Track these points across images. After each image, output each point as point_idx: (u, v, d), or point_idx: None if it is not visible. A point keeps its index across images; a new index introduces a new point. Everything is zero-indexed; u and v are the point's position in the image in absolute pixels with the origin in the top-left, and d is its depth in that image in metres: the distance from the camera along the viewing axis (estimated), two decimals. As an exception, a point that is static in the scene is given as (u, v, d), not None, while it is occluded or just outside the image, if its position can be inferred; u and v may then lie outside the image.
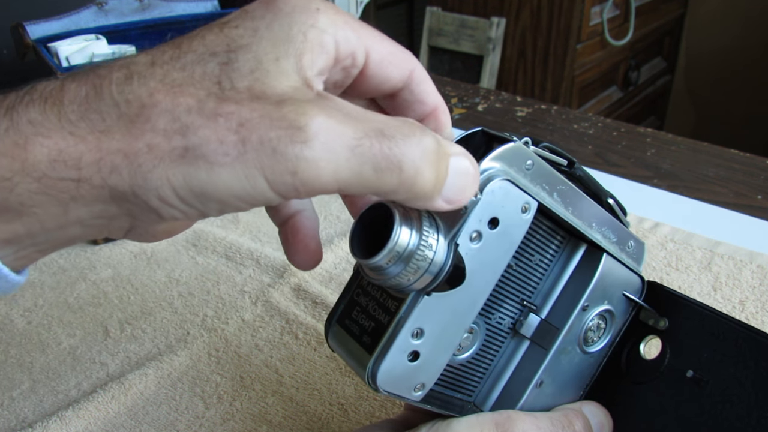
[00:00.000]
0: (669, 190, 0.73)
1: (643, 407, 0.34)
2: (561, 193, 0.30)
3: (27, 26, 0.63)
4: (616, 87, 2.35)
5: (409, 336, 0.27)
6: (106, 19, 0.67)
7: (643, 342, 0.35)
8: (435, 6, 2.19)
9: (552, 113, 0.93)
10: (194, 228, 0.65)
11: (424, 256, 0.25)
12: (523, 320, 0.33)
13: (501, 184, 0.27)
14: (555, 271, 0.33)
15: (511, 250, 0.29)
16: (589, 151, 0.82)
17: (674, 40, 2.69)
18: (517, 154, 0.28)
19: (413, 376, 0.28)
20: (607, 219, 0.33)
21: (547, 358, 0.32)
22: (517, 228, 0.28)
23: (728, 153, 0.82)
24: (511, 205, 0.28)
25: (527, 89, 2.12)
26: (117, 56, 0.62)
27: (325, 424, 0.44)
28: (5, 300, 0.56)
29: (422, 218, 0.26)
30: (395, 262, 0.25)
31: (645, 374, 0.34)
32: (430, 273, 0.26)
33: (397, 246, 0.25)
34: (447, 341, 0.29)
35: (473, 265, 0.27)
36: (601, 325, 0.34)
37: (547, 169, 0.29)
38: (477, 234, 0.27)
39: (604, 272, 0.33)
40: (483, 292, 0.29)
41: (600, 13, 2.04)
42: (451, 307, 0.28)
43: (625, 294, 0.35)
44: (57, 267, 0.60)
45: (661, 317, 0.35)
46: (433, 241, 0.26)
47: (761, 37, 2.48)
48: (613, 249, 0.33)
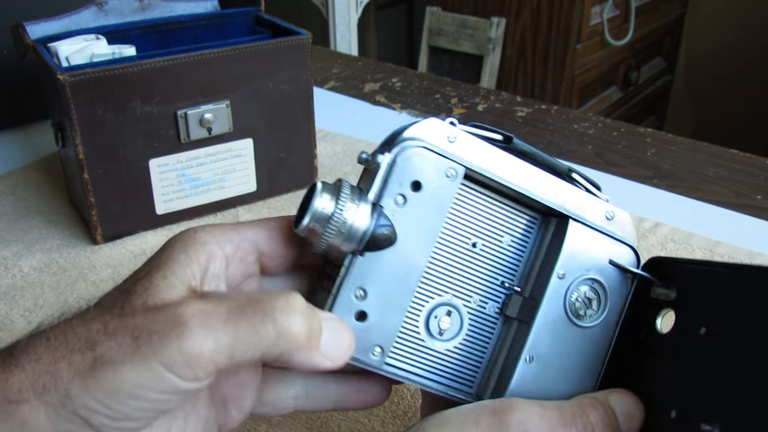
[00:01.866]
0: (669, 190, 0.73)
1: (665, 379, 0.32)
2: (501, 163, 0.32)
3: (27, 26, 0.63)
4: (616, 87, 2.35)
5: (351, 296, 0.30)
6: (106, 19, 0.67)
7: (659, 317, 0.34)
8: (435, 6, 2.19)
9: (552, 113, 0.93)
10: (194, 228, 0.65)
11: (343, 218, 0.29)
12: (508, 302, 0.34)
13: (415, 150, 0.30)
14: (533, 250, 0.34)
15: (443, 212, 0.31)
16: (589, 151, 0.82)
17: (674, 40, 2.69)
18: (435, 127, 0.31)
19: (365, 338, 0.30)
20: (569, 189, 0.33)
21: (531, 331, 0.32)
22: (445, 190, 0.31)
23: (728, 153, 0.82)
24: (431, 170, 0.30)
25: (527, 89, 2.12)
26: (117, 56, 0.62)
27: (323, 423, 0.44)
28: (5, 300, 0.56)
29: (342, 186, 0.30)
30: (321, 226, 0.29)
31: (663, 347, 0.33)
32: (354, 234, 0.29)
33: (318, 212, 0.29)
34: (394, 302, 0.30)
35: (404, 225, 0.30)
36: (591, 296, 0.34)
37: (477, 143, 0.31)
38: (401, 197, 0.30)
39: (574, 238, 0.33)
40: (422, 252, 0.31)
41: (600, 13, 2.04)
42: (389, 266, 0.30)
43: (612, 261, 0.34)
44: (57, 267, 0.61)
45: (670, 288, 0.34)
46: (352, 205, 0.29)
47: (761, 37, 2.48)
48: (585, 217, 0.34)
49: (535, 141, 0.85)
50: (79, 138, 0.57)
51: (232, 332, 0.26)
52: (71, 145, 0.59)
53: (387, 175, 0.30)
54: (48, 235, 0.65)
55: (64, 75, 0.55)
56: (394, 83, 1.03)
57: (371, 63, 1.13)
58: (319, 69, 1.08)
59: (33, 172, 0.77)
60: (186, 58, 0.60)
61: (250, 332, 0.26)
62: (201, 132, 0.63)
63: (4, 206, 0.70)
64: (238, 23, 0.72)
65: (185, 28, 0.69)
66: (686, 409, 0.30)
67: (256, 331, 0.26)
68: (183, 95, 0.61)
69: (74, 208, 0.69)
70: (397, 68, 1.10)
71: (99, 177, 0.60)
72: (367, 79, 1.04)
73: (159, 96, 0.60)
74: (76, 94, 0.56)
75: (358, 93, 0.99)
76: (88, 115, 0.57)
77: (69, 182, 0.69)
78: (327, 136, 0.83)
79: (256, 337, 0.26)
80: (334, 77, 1.05)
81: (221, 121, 0.63)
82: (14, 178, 0.76)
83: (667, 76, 2.74)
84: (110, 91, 0.57)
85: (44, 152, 0.81)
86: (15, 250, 0.63)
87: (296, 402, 0.35)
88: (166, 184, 0.64)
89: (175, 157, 0.63)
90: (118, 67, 0.57)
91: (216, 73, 0.61)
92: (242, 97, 0.64)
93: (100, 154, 0.59)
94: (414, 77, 1.06)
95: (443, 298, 0.33)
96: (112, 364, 0.26)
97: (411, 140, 0.30)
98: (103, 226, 0.62)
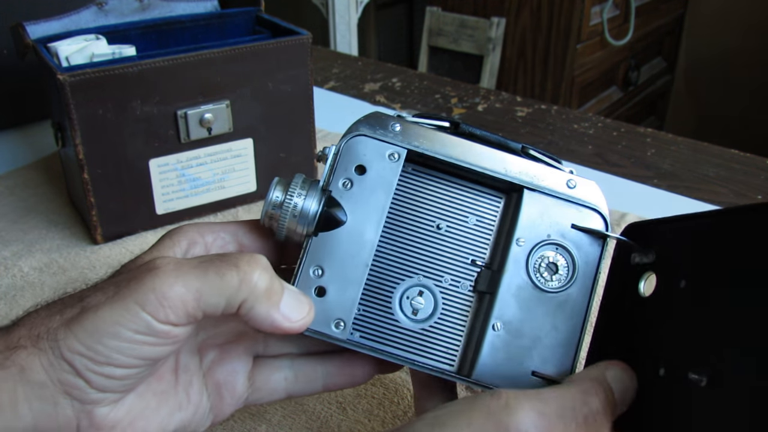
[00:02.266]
0: (669, 190, 0.73)
1: (651, 341, 0.31)
2: (447, 145, 0.34)
3: (27, 26, 0.63)
4: (616, 87, 2.35)
5: (309, 273, 0.33)
6: (106, 19, 0.67)
7: (641, 281, 0.34)
8: (435, 6, 2.19)
9: (552, 113, 0.93)
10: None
11: (294, 203, 0.33)
12: (479, 278, 0.35)
13: (356, 139, 0.34)
14: (500, 228, 0.36)
15: (389, 191, 0.34)
16: (589, 151, 0.82)
17: (674, 40, 2.69)
18: (377, 119, 0.34)
19: (326, 311, 0.33)
20: (524, 162, 0.35)
21: (496, 298, 0.34)
22: (389, 171, 0.34)
23: (728, 153, 0.82)
24: (373, 154, 0.34)
25: (527, 89, 2.12)
26: (117, 56, 0.62)
27: (324, 423, 0.44)
28: (5, 300, 0.57)
29: (294, 178, 0.34)
30: (277, 212, 0.33)
31: (648, 310, 0.33)
32: (305, 216, 0.33)
33: (272, 200, 0.33)
34: (351, 276, 0.33)
35: (352, 205, 0.34)
36: (557, 261, 0.34)
37: (421, 130, 0.34)
38: (348, 180, 0.34)
39: (530, 205, 0.35)
40: (373, 228, 0.34)
41: (600, 13, 2.04)
42: (343, 244, 0.33)
43: (576, 225, 0.35)
44: (57, 267, 0.61)
45: (648, 250, 0.33)
46: (302, 191, 0.33)
47: (761, 36, 2.48)
48: (542, 185, 0.35)
49: (536, 141, 0.85)
50: (79, 138, 0.57)
51: (200, 276, 0.29)
52: (71, 145, 0.59)
53: (333, 162, 0.34)
54: (48, 235, 0.65)
55: (64, 75, 0.55)
56: (394, 83, 1.03)
57: (371, 63, 1.13)
58: (319, 69, 1.08)
59: (33, 172, 0.77)
60: (186, 58, 0.60)
61: (216, 277, 0.29)
62: (201, 132, 0.63)
63: (4, 206, 0.70)
64: (238, 23, 0.72)
65: (185, 28, 0.69)
66: (673, 364, 0.29)
67: (221, 276, 0.29)
68: (183, 95, 0.61)
69: (74, 208, 0.69)
70: (397, 68, 1.10)
71: (99, 177, 0.60)
72: (367, 79, 1.04)
73: (159, 96, 0.60)
74: (76, 94, 0.56)
75: (358, 93, 0.99)
76: (88, 115, 0.57)
77: (69, 182, 0.69)
78: (327, 136, 0.83)
79: (221, 282, 0.29)
80: (334, 77, 1.05)
81: (221, 121, 0.63)
82: (14, 178, 0.76)
83: (667, 76, 2.74)
84: (110, 91, 0.57)
85: (44, 152, 0.81)
86: (15, 250, 0.63)
87: (287, 384, 0.36)
88: (166, 184, 0.64)
89: (175, 157, 0.63)
90: (118, 67, 0.57)
91: (216, 73, 0.61)
92: (242, 97, 0.64)
93: (100, 154, 0.59)
94: (414, 77, 1.06)
95: (413, 279, 0.35)
96: (93, 308, 0.29)
97: (355, 130, 0.34)
98: (103, 226, 0.62)
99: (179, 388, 0.34)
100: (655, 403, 0.30)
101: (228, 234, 0.36)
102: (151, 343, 0.29)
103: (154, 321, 0.28)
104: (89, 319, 0.28)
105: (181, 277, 0.29)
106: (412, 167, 0.36)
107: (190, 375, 0.35)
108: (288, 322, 0.31)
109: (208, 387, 0.35)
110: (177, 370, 0.34)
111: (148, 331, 0.28)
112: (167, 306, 0.28)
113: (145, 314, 0.28)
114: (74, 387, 0.29)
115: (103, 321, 0.28)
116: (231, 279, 0.29)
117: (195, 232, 0.35)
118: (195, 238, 0.35)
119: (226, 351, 0.36)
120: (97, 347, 0.28)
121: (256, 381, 0.36)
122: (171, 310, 0.28)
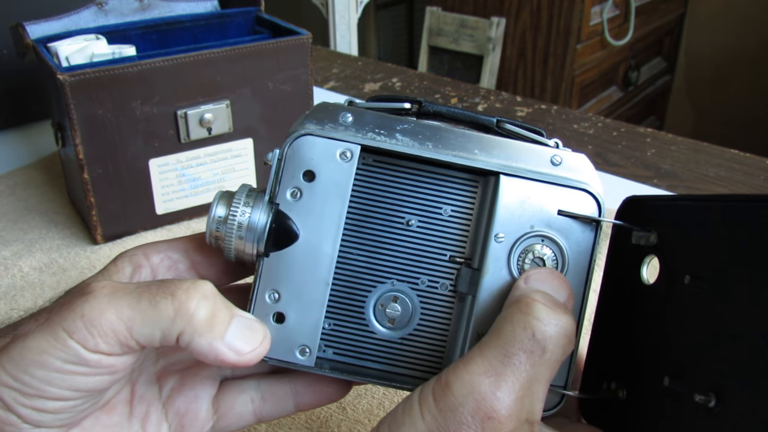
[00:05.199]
0: (669, 190, 0.73)
1: (653, 341, 0.29)
2: (407, 132, 0.30)
3: (27, 26, 0.63)
4: (616, 87, 2.35)
5: (265, 299, 0.30)
6: (106, 19, 0.67)
7: (643, 265, 0.30)
8: (435, 6, 2.19)
9: (552, 113, 0.93)
10: (194, 229, 0.65)
11: (238, 221, 0.29)
12: (459, 278, 0.31)
13: (301, 140, 0.30)
14: (477, 216, 0.31)
15: (344, 196, 0.30)
16: (589, 151, 0.82)
17: (674, 40, 2.69)
18: (325, 111, 0.30)
19: (289, 338, 0.30)
20: (497, 142, 0.30)
21: (476, 305, 0.30)
22: (342, 173, 0.30)
23: (728, 153, 0.82)
24: (322, 156, 0.29)
25: (527, 89, 2.12)
26: (117, 56, 0.62)
27: (323, 423, 0.44)
28: (5, 300, 0.56)
29: (237, 191, 0.30)
30: (222, 231, 0.30)
31: (651, 301, 0.29)
32: (252, 235, 0.29)
33: (214, 217, 0.30)
34: (310, 297, 0.30)
35: (304, 218, 0.30)
36: (544, 254, 0.30)
37: (375, 117, 0.30)
38: (296, 190, 0.30)
39: (508, 195, 0.30)
40: (330, 242, 0.30)
41: (600, 13, 2.04)
42: (298, 263, 0.30)
43: (563, 211, 0.30)
44: (57, 267, 0.61)
45: (650, 231, 0.30)
46: (246, 208, 0.29)
47: (761, 36, 2.48)
48: (520, 167, 0.30)
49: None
50: (79, 138, 0.57)
51: (133, 304, 0.27)
52: (71, 145, 0.59)
53: (278, 170, 0.30)
54: (48, 235, 0.65)
55: (64, 75, 0.55)
56: (394, 83, 1.03)
57: (371, 63, 1.13)
58: (319, 69, 1.08)
59: (33, 172, 0.77)
60: (186, 58, 0.60)
61: (149, 306, 0.27)
62: (201, 132, 0.63)
63: (4, 206, 0.70)
64: (238, 23, 0.72)
65: (185, 28, 0.69)
66: (678, 376, 0.26)
67: (154, 305, 0.27)
68: (183, 95, 0.61)
69: (74, 208, 0.69)
70: (397, 68, 1.10)
71: (99, 177, 0.60)
72: (367, 79, 1.04)
73: (159, 96, 0.60)
74: (76, 94, 0.56)
75: (358, 93, 0.99)
76: (88, 115, 0.57)
77: (69, 182, 0.69)
78: (327, 136, 0.83)
79: (155, 311, 0.27)
80: (334, 77, 1.05)
81: (221, 121, 0.63)
82: (14, 178, 0.76)
83: (667, 76, 2.74)
84: (110, 91, 0.57)
85: (44, 152, 0.81)
86: (15, 250, 0.63)
87: (255, 407, 0.34)
88: (166, 184, 0.64)
89: (175, 157, 0.63)
90: (118, 67, 0.57)
91: (216, 73, 0.61)
92: (242, 97, 0.64)
93: (100, 154, 0.59)
94: (414, 77, 1.06)
95: (386, 285, 0.31)
96: (22, 336, 0.27)
97: (300, 129, 0.30)
98: (103, 226, 0.62)
99: (134, 420, 0.32)
100: (656, 418, 0.28)
101: (177, 252, 0.32)
102: (84, 373, 0.27)
103: (83, 350, 0.26)
104: (16, 349, 0.26)
105: (113, 304, 0.27)
106: (373, 158, 0.31)
107: (147, 406, 0.32)
108: (235, 354, 0.28)
109: (169, 417, 0.33)
110: (132, 401, 0.32)
111: (78, 360, 0.26)
112: (96, 335, 0.26)
113: (74, 342, 0.26)
114: (6, 423, 0.27)
115: (29, 350, 0.26)
116: (165, 308, 0.27)
117: (140, 254, 0.32)
118: (140, 262, 0.32)
119: (187, 377, 0.33)
120: (24, 378, 0.26)
121: (221, 406, 0.33)
122: (101, 338, 0.26)
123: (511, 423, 0.25)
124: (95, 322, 0.26)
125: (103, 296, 0.27)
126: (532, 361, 0.25)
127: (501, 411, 0.25)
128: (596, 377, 0.31)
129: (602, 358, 0.30)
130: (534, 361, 0.25)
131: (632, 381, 0.30)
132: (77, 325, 0.26)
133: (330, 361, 0.31)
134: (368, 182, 0.31)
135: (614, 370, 0.31)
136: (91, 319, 0.26)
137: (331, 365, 0.31)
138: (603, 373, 0.31)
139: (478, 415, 0.24)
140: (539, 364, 0.25)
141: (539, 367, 0.25)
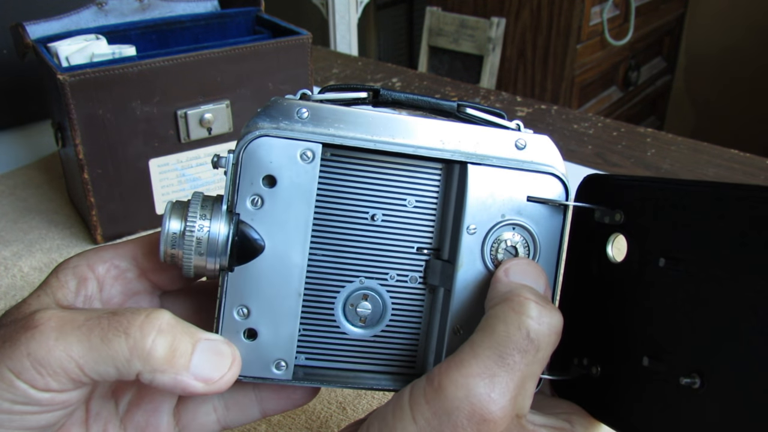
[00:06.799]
0: (669, 189, 0.73)
1: (629, 320, 0.28)
2: (368, 124, 0.29)
3: (27, 26, 0.63)
4: (616, 87, 2.35)
5: (233, 315, 0.28)
6: (106, 19, 0.67)
7: (609, 243, 0.30)
8: (435, 6, 2.19)
9: (552, 113, 0.93)
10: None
11: (195, 236, 0.27)
12: (429, 270, 0.31)
13: (257, 142, 0.27)
14: (444, 204, 0.31)
15: (309, 200, 0.28)
16: (589, 151, 0.82)
17: (674, 40, 2.69)
18: (278, 107, 0.28)
19: (263, 354, 0.28)
20: (460, 129, 0.29)
21: (452, 299, 0.29)
22: (305, 176, 0.28)
23: (728, 153, 0.82)
24: (281, 158, 0.27)
25: (527, 89, 2.12)
26: (117, 56, 0.62)
27: (324, 423, 0.44)
28: (5, 300, 0.57)
29: (191, 202, 0.27)
30: (179, 249, 0.27)
31: (620, 280, 0.29)
32: (213, 250, 0.27)
33: (169, 234, 0.27)
34: (282, 310, 0.28)
35: (268, 227, 0.28)
36: (516, 243, 0.30)
37: (333, 110, 0.28)
38: (257, 197, 0.27)
39: (477, 185, 0.29)
40: (298, 250, 0.28)
41: (600, 13, 2.04)
42: (266, 274, 0.28)
43: (532, 197, 0.30)
44: (57, 267, 0.61)
45: (615, 210, 0.29)
46: (203, 221, 0.27)
47: (761, 36, 2.48)
48: (486, 154, 0.29)
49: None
50: (79, 138, 0.57)
51: (84, 341, 0.25)
52: (71, 145, 0.59)
53: (235, 177, 0.27)
54: (48, 235, 0.65)
55: (64, 75, 0.55)
56: (394, 83, 1.03)
57: (371, 63, 1.13)
58: (319, 69, 1.08)
59: (33, 172, 0.77)
60: (186, 58, 0.60)
61: (102, 343, 0.25)
62: (201, 132, 0.63)
63: (4, 206, 0.70)
64: (238, 23, 0.72)
65: (185, 28, 0.69)
66: (658, 356, 0.26)
67: (107, 342, 0.25)
68: (183, 95, 0.61)
69: (74, 208, 0.69)
70: (397, 68, 1.10)
71: (99, 177, 0.60)
72: (367, 79, 1.04)
73: (159, 96, 0.60)
74: (76, 94, 0.56)
75: (358, 93, 0.99)
76: (88, 115, 0.57)
77: (69, 182, 0.69)
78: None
79: (108, 349, 0.25)
80: (334, 77, 1.05)
81: (221, 121, 0.63)
82: (14, 178, 0.76)
83: (667, 76, 2.74)
84: (110, 91, 0.57)
85: (44, 152, 0.81)
86: (15, 250, 0.63)
87: (218, 416, 0.32)
88: (166, 184, 0.64)
89: (175, 157, 0.63)
90: (118, 67, 0.57)
91: (216, 73, 0.61)
92: (242, 97, 0.64)
93: (100, 154, 0.59)
94: (414, 77, 1.06)
95: (354, 283, 0.30)
96: None
97: (254, 129, 0.27)
98: (103, 226, 0.62)
99: None
100: (637, 397, 0.27)
101: (124, 260, 0.30)
102: (35, 412, 0.25)
103: (32, 390, 0.24)
104: None
105: (61, 340, 0.24)
106: (331, 152, 0.29)
107: (104, 423, 0.30)
108: (204, 384, 0.26)
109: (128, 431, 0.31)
110: (87, 421, 0.30)
111: (28, 400, 0.25)
112: (46, 374, 0.24)
113: (21, 383, 0.24)
114: None
115: None
116: (118, 347, 0.25)
117: (84, 265, 0.29)
118: (84, 274, 0.29)
119: (145, 389, 0.31)
120: None
121: (183, 418, 0.31)
122: (51, 377, 0.24)
123: (505, 422, 0.25)
124: (43, 361, 0.24)
125: (50, 331, 0.25)
126: (527, 361, 0.25)
127: (497, 413, 0.24)
128: (564, 353, 0.31)
129: (570, 335, 0.29)
130: (528, 361, 0.25)
131: (607, 358, 0.29)
132: (24, 365, 0.24)
133: (303, 368, 0.30)
134: (329, 179, 0.30)
135: (585, 347, 0.31)
136: (38, 359, 0.24)
137: (305, 371, 0.30)
138: (571, 348, 0.31)
139: (474, 419, 0.24)
140: (533, 363, 0.25)
141: (533, 366, 0.25)
